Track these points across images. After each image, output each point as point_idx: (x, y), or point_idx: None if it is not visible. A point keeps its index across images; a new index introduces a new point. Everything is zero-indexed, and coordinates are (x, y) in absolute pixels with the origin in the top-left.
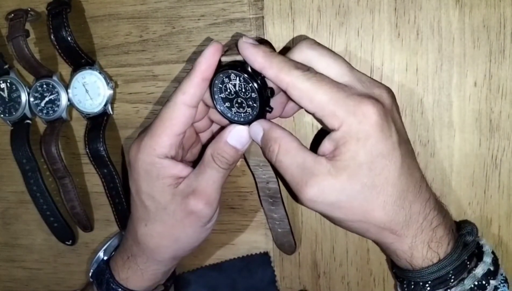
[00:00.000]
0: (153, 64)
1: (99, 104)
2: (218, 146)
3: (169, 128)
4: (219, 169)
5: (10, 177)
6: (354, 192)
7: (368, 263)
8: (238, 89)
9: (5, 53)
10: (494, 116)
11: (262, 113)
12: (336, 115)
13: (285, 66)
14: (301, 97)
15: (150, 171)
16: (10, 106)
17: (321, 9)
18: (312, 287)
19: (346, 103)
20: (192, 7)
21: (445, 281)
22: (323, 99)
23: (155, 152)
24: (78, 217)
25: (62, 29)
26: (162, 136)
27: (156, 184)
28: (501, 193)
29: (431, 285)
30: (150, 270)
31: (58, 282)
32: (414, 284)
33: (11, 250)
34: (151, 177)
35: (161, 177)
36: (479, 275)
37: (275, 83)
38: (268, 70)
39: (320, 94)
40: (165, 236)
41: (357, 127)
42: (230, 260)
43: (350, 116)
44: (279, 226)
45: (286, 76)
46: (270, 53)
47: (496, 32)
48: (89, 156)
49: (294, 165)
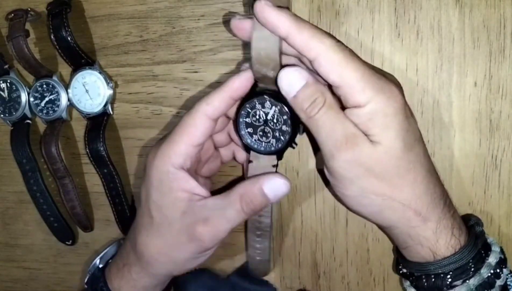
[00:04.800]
0: (153, 64)
1: (99, 104)
2: (252, 191)
3: (187, 136)
4: (240, 212)
5: (10, 177)
6: (389, 165)
7: (368, 263)
8: (270, 119)
9: (5, 53)
10: (494, 116)
11: (286, 147)
12: (364, 92)
13: (317, 33)
14: (331, 69)
15: (163, 181)
16: (10, 106)
17: (321, 9)
18: (312, 287)
19: (375, 81)
20: (192, 7)
21: (465, 271)
22: (354, 74)
23: (171, 160)
24: (78, 217)
25: (62, 29)
26: (180, 144)
27: (167, 196)
28: (501, 193)
29: (452, 276)
30: (142, 282)
31: (58, 282)
32: (435, 276)
33: (11, 250)
34: (163, 188)
35: (174, 190)
36: (493, 264)
37: (302, 51)
38: (296, 36)
39: (351, 69)
40: (162, 253)
41: (385, 104)
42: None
43: (379, 94)
44: (258, 255)
45: (318, 44)
46: (298, 17)
47: (496, 32)
48: (89, 156)
49: (336, 122)
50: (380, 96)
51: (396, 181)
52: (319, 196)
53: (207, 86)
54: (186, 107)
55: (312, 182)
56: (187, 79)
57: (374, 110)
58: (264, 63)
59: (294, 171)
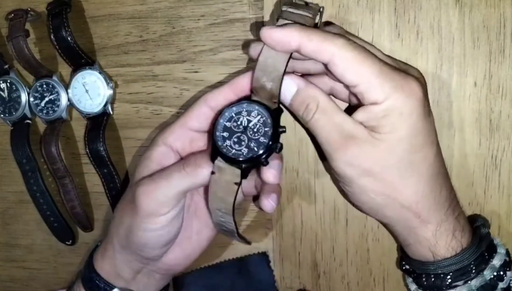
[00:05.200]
0: (153, 64)
1: (99, 104)
2: (197, 153)
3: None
4: (180, 172)
5: (10, 177)
6: (389, 164)
7: (368, 263)
8: (251, 126)
9: (5, 53)
10: (494, 116)
11: (255, 160)
12: (382, 88)
13: (328, 36)
14: (346, 68)
15: (148, 149)
16: (10, 106)
17: (321, 10)
18: (312, 287)
19: (393, 77)
20: (192, 7)
21: (466, 273)
22: (370, 70)
23: (163, 135)
24: (78, 217)
25: (62, 29)
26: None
27: (142, 161)
28: (501, 193)
29: (452, 277)
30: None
31: (58, 282)
32: (435, 276)
33: (11, 250)
34: (144, 155)
35: (151, 159)
36: (497, 266)
37: (316, 57)
38: (307, 44)
39: (368, 65)
40: (117, 216)
41: (402, 102)
42: (229, 260)
43: (398, 91)
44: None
45: (330, 46)
46: (306, 27)
47: (496, 32)
48: (89, 156)
49: (332, 124)
50: (398, 93)
51: (397, 181)
52: (319, 196)
53: (207, 86)
54: (186, 107)
55: (312, 182)
56: (187, 79)
57: (391, 108)
58: (267, 71)
59: (294, 171)
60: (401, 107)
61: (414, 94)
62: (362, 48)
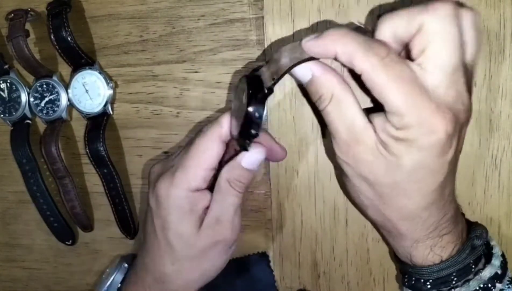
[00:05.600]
0: (153, 64)
1: (99, 104)
2: (234, 172)
3: (204, 161)
4: (238, 194)
5: (10, 177)
6: (384, 182)
7: (368, 263)
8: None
9: (5, 53)
10: (494, 116)
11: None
12: (404, 119)
13: (362, 49)
14: (373, 88)
15: (182, 205)
16: (10, 106)
17: (321, 9)
18: (312, 287)
19: (419, 111)
20: (192, 7)
21: (446, 282)
22: (396, 99)
23: (191, 186)
24: (78, 217)
25: (62, 29)
26: (198, 170)
27: (187, 219)
28: (501, 193)
29: (432, 284)
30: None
31: (58, 282)
32: (415, 280)
33: (11, 250)
34: (184, 212)
35: (195, 211)
36: (485, 278)
37: (348, 66)
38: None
39: (394, 94)
40: (193, 270)
41: (417, 137)
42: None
43: (417, 127)
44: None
45: (361, 62)
46: (346, 30)
47: (496, 32)
48: (89, 156)
49: (342, 121)
50: (416, 129)
51: (386, 197)
52: (319, 196)
53: (207, 86)
54: (186, 107)
55: (312, 182)
56: (187, 79)
57: (409, 138)
58: (292, 48)
59: (294, 170)
60: (419, 142)
61: (433, 134)
62: (398, 67)
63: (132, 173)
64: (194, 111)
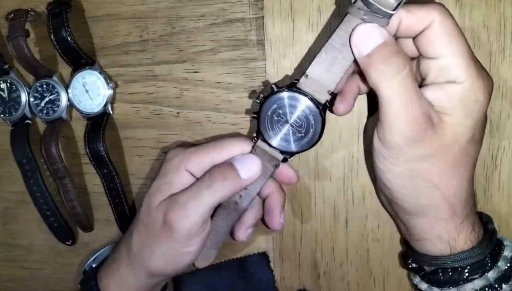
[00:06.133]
0: (153, 64)
1: (99, 104)
2: (221, 165)
3: (215, 155)
4: (209, 188)
5: (10, 177)
6: (450, 152)
7: (368, 263)
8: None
9: (5, 53)
10: (494, 116)
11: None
12: (468, 69)
13: (426, 5)
14: (441, 36)
15: (168, 173)
16: (10, 106)
17: (321, 9)
18: (312, 287)
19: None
20: (192, 7)
21: (483, 266)
22: (462, 47)
23: (188, 163)
24: (78, 217)
25: (62, 29)
26: (204, 157)
27: (162, 187)
28: (501, 193)
29: (470, 270)
30: (128, 280)
31: (58, 282)
32: (452, 270)
33: (11, 250)
34: (164, 180)
35: (171, 185)
36: (509, 257)
37: (416, 26)
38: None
39: (461, 41)
40: (145, 245)
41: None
42: (229, 260)
43: (479, 77)
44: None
45: (431, 12)
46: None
47: (496, 32)
48: (89, 156)
49: (413, 97)
50: (480, 79)
51: (448, 171)
52: (319, 196)
53: (207, 86)
54: (186, 107)
55: (312, 182)
56: (187, 79)
57: (469, 92)
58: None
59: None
60: (479, 95)
61: (489, 86)
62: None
63: (132, 173)
64: (194, 111)
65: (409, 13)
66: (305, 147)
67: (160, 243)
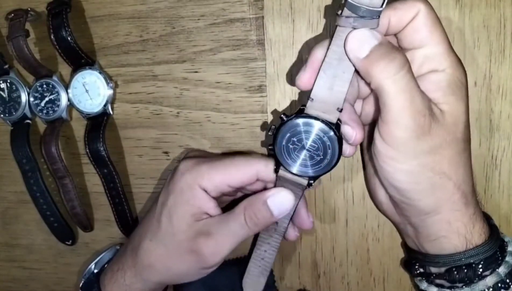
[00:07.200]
0: (153, 64)
1: (99, 104)
2: (254, 203)
3: (229, 175)
4: (244, 226)
5: (10, 177)
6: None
7: (368, 263)
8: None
9: (5, 53)
10: (494, 116)
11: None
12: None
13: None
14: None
15: (184, 191)
16: (10, 106)
17: (321, 9)
18: (312, 287)
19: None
20: (192, 7)
21: (494, 261)
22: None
23: (202, 182)
24: (78, 217)
25: (62, 29)
26: (218, 176)
27: (181, 207)
28: (501, 193)
29: (483, 266)
30: (134, 288)
31: (58, 282)
32: (467, 267)
33: (11, 250)
34: (182, 198)
35: (190, 204)
36: None
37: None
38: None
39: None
40: (161, 260)
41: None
42: (229, 260)
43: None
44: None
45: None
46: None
47: (496, 32)
48: (89, 156)
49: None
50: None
51: (456, 159)
52: (319, 196)
53: (206, 86)
54: (186, 107)
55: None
56: (187, 79)
57: (453, 78)
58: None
59: None
60: (462, 78)
61: (465, 71)
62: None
63: (132, 173)
64: (194, 111)
65: (395, 10)
66: (325, 169)
67: (181, 263)
